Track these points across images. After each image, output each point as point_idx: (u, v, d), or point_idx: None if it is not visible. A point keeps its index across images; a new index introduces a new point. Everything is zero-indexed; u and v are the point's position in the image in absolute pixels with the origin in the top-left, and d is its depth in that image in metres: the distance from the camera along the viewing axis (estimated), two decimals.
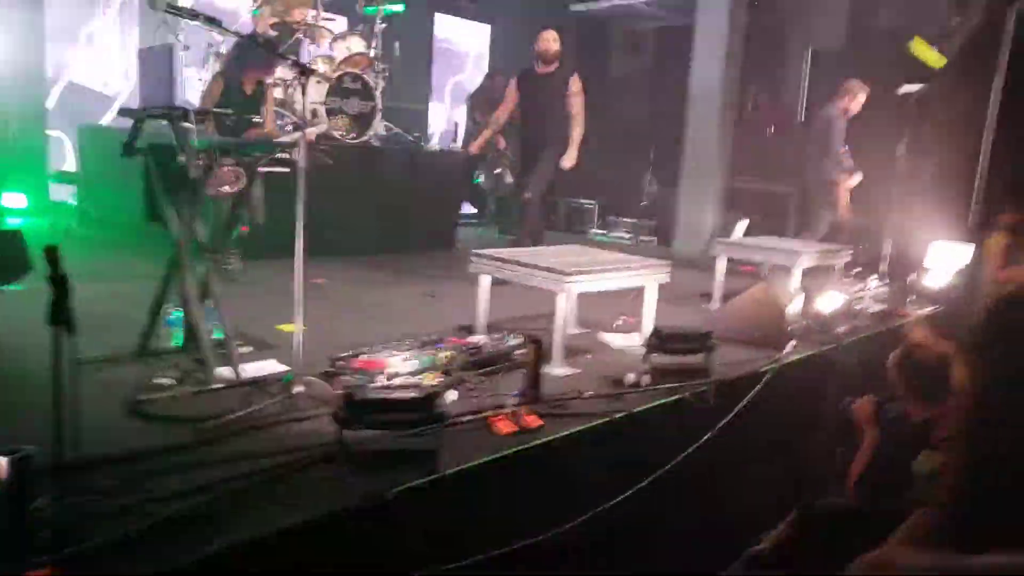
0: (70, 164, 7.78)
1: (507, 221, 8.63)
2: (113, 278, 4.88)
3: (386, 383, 2.98)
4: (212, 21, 3.14)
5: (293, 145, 3.06)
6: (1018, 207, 6.36)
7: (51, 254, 1.77)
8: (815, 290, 5.25)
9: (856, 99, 6.88)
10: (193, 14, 3.15)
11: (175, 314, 3.38)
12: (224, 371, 3.09)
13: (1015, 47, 6.90)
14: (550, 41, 6.10)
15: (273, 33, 6.83)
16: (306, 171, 2.91)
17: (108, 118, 7.82)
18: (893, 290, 6.14)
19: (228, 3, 8.36)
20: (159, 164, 3.18)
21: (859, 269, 6.37)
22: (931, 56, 6.63)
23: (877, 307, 5.74)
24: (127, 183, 3.93)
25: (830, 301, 5.03)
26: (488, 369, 3.37)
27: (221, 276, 4.58)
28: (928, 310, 5.97)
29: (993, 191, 7.13)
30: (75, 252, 2.41)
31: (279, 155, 3.10)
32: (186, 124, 2.99)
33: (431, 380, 3.10)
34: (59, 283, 1.77)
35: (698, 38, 8.66)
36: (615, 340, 4.39)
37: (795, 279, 5.40)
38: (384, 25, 7.80)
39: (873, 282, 6.11)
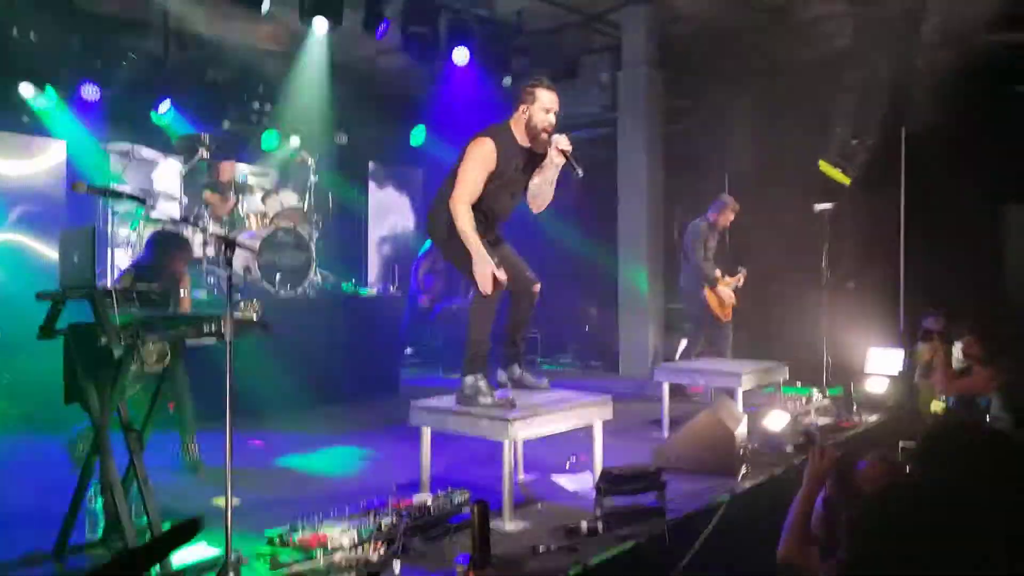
0: None
1: (449, 362, 8.60)
2: (28, 460, 4.66)
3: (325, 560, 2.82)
4: (135, 198, 3.13)
5: (218, 318, 2.99)
6: (942, 315, 6.64)
7: None
8: (760, 410, 5.28)
9: (724, 213, 7.15)
10: (116, 194, 3.14)
11: (97, 502, 3.19)
12: None
13: (909, 162, 7.42)
14: None
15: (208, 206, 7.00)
16: (232, 342, 2.84)
17: None
18: (836, 401, 6.21)
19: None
20: (80, 344, 3.09)
21: (799, 383, 6.44)
22: (837, 176, 7.03)
23: (823, 420, 5.79)
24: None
25: (776, 420, 5.05)
26: (433, 532, 3.24)
27: (187, 467, 4.42)
28: (873, 418, 6.05)
29: (915, 299, 7.43)
30: None
31: (206, 329, 3.03)
32: (107, 302, 2.93)
33: (374, 551, 2.95)
34: None
35: (621, 172, 9.05)
36: (567, 483, 4.30)
37: (739, 401, 5.43)
38: (316, 179, 7.95)
39: (816, 395, 6.18)
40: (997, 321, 7.84)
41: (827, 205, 6.76)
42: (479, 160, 3.95)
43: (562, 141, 4.00)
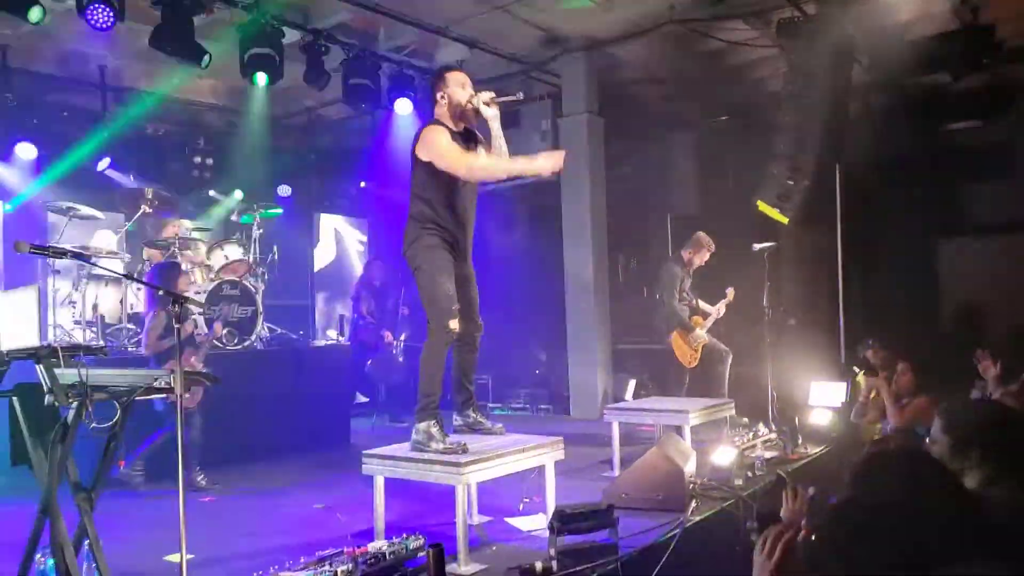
0: None
1: (397, 409, 8.58)
2: None
3: None
4: (80, 256, 3.13)
5: (169, 374, 2.99)
6: (879, 345, 6.90)
7: None
8: (707, 446, 5.39)
9: (699, 253, 7.35)
10: (60, 252, 3.13)
11: (48, 564, 3.12)
12: None
13: (845, 200, 7.72)
14: None
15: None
16: (184, 400, 2.85)
17: None
18: (782, 434, 6.35)
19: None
20: (26, 404, 3.04)
21: (745, 419, 6.59)
22: (775, 215, 7.28)
23: (769, 454, 5.92)
24: None
25: (723, 455, 5.16)
26: None
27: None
28: (818, 450, 6.20)
29: (855, 332, 7.69)
30: None
31: (156, 384, 3.02)
32: (53, 361, 2.91)
33: None
34: None
35: (565, 217, 9.23)
36: (521, 524, 4.32)
37: (687, 438, 5.54)
38: (260, 231, 7.94)
39: (762, 429, 6.32)
40: (929, 349, 8.19)
41: (767, 244, 6.97)
42: (441, 136, 4.04)
43: (482, 95, 4.14)
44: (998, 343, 5.99)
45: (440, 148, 4.02)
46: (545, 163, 4.05)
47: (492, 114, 4.18)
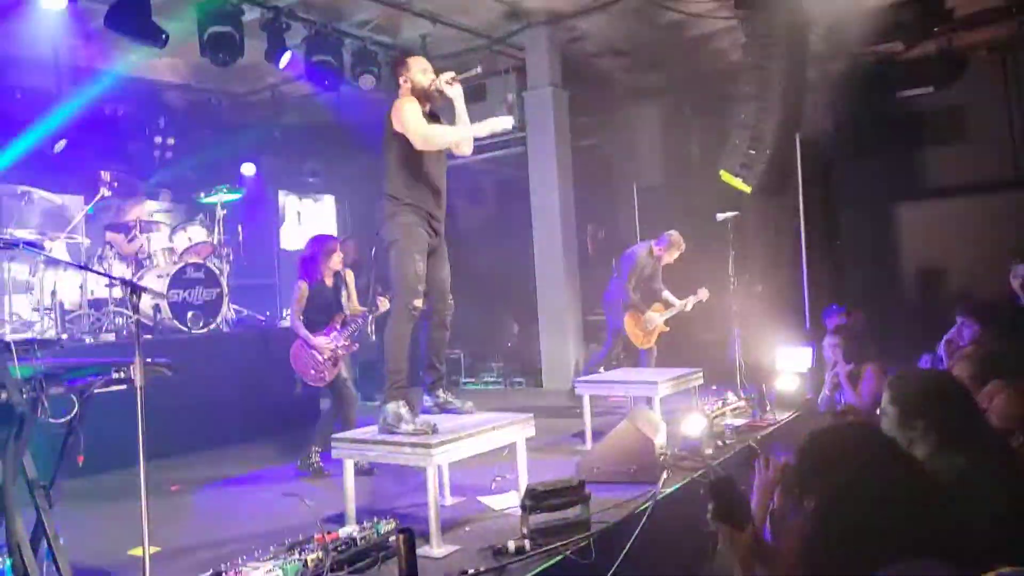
0: None
1: (370, 387, 8.53)
2: None
3: None
4: (32, 246, 3.05)
5: (127, 364, 2.92)
6: (844, 311, 6.97)
7: None
8: (677, 416, 5.43)
9: (670, 251, 7.24)
10: (10, 243, 3.04)
11: (6, 562, 3.06)
12: None
13: (805, 167, 7.77)
14: None
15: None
16: (143, 388, 2.79)
17: None
18: (750, 401, 6.42)
19: None
20: None
21: (714, 387, 6.64)
22: (738, 184, 7.31)
23: (738, 421, 5.98)
24: None
25: (693, 425, 5.20)
26: (361, 564, 3.22)
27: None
28: (786, 415, 6.28)
29: (819, 298, 7.78)
30: None
31: (114, 375, 2.96)
32: (6, 355, 2.83)
33: None
34: None
35: (532, 190, 9.20)
36: (494, 503, 4.33)
37: (656, 409, 5.57)
38: (225, 211, 7.80)
39: (731, 397, 6.38)
40: (890, 312, 8.31)
41: (730, 214, 7.00)
42: (411, 109, 4.05)
43: (443, 76, 4.18)
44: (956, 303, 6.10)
45: (404, 116, 4.04)
46: (496, 122, 4.15)
47: (456, 93, 4.20)
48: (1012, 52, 9.28)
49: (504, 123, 4.20)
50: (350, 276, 5.94)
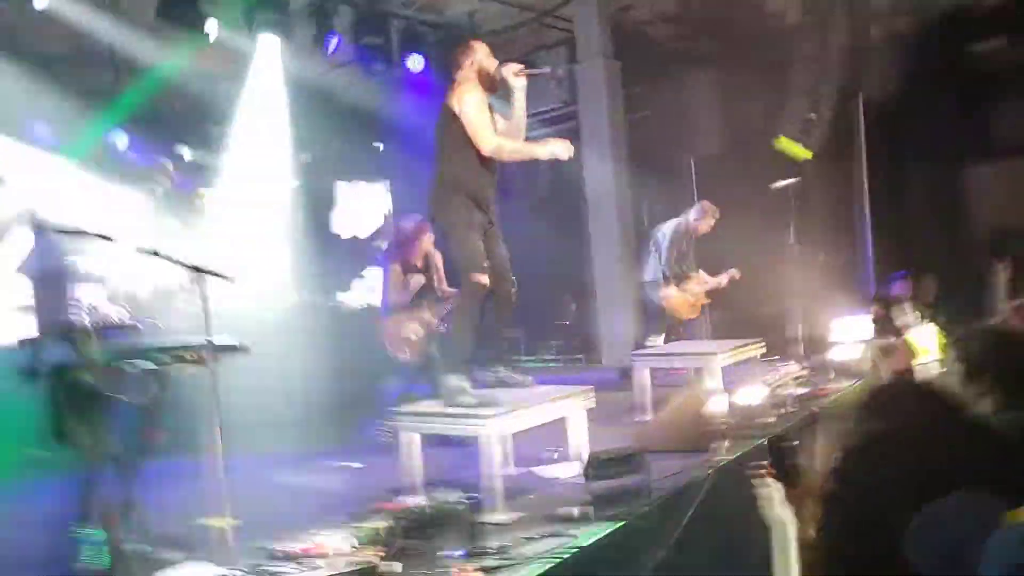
0: None
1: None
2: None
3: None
4: (103, 237, 3.18)
5: (199, 346, 3.06)
6: (910, 277, 6.80)
7: None
8: (738, 386, 5.39)
9: (704, 220, 7.18)
10: (83, 232, 3.19)
11: (98, 533, 3.23)
12: None
13: (869, 130, 7.56)
14: None
15: None
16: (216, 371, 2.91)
17: None
18: (811, 370, 6.33)
19: None
20: (64, 383, 3.13)
21: (776, 357, 6.57)
22: (797, 151, 7.15)
23: (801, 390, 5.91)
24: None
25: (753, 394, 5.17)
26: (429, 531, 3.31)
27: None
28: (849, 383, 6.18)
29: (884, 265, 7.60)
30: None
31: (187, 357, 3.10)
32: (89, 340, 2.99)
33: (373, 555, 3.03)
34: None
35: (587, 165, 9.14)
36: (555, 472, 4.39)
37: (716, 379, 5.54)
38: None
39: (792, 367, 6.30)
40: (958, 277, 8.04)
41: (789, 181, 6.87)
42: (477, 102, 4.07)
43: (512, 66, 4.17)
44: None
45: (472, 116, 4.03)
46: (559, 147, 4.11)
47: (520, 85, 4.19)
48: None
49: (566, 150, 4.14)
50: (439, 258, 6.02)
